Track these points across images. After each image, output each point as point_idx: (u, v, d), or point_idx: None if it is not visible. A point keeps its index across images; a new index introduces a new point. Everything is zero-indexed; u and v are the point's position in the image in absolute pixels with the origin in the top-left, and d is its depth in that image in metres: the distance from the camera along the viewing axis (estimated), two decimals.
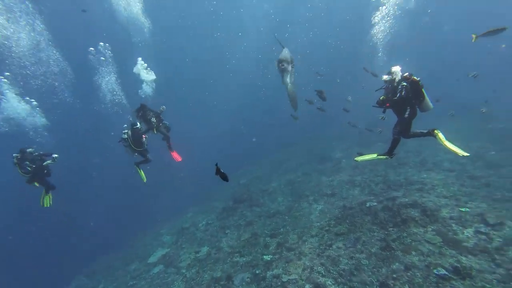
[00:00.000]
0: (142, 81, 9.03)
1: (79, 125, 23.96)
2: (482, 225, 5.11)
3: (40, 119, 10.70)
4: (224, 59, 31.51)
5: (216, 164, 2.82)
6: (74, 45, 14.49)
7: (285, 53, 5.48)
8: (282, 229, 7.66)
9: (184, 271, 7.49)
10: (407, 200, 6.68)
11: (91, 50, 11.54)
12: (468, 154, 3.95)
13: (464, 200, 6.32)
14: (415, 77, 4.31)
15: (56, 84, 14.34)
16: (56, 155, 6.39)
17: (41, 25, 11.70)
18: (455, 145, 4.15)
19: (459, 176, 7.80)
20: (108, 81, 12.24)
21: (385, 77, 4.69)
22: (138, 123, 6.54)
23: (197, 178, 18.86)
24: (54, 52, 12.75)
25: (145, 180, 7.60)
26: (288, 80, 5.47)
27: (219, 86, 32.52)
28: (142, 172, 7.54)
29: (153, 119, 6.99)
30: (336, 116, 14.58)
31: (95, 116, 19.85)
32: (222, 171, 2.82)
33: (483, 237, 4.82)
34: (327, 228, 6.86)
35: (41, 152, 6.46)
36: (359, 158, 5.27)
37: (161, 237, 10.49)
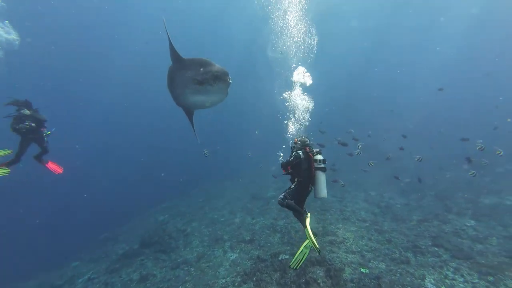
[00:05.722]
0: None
1: None
2: None
3: None
4: None
5: None
6: None
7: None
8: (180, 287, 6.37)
9: None
10: (317, 254, 6.32)
11: None
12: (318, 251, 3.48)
13: (368, 257, 6.25)
14: (312, 153, 4.03)
15: None
16: None
17: None
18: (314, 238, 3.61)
19: (369, 228, 8.00)
20: None
21: (296, 139, 4.44)
22: None
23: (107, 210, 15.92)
24: None
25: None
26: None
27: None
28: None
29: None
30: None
31: None
32: None
33: None
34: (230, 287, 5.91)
35: None
36: (294, 263, 3.80)
37: None
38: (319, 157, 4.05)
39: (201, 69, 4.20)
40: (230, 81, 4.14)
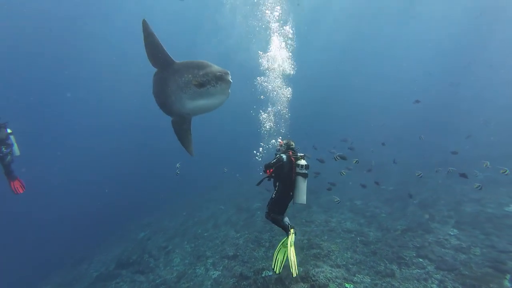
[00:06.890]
0: None
1: None
2: None
3: None
4: None
5: None
6: None
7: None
8: None
9: None
10: (301, 270, 6.07)
11: None
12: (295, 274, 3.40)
13: (353, 270, 6.07)
14: (294, 157, 3.97)
15: None
16: None
17: None
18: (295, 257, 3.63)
19: (355, 239, 7.86)
20: None
21: (280, 141, 4.43)
22: None
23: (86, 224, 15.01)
24: None
25: None
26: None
27: None
28: None
29: None
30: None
31: None
32: None
33: None
34: None
35: None
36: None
37: None
38: (303, 162, 3.92)
39: (200, 72, 4.00)
40: (231, 80, 4.05)
